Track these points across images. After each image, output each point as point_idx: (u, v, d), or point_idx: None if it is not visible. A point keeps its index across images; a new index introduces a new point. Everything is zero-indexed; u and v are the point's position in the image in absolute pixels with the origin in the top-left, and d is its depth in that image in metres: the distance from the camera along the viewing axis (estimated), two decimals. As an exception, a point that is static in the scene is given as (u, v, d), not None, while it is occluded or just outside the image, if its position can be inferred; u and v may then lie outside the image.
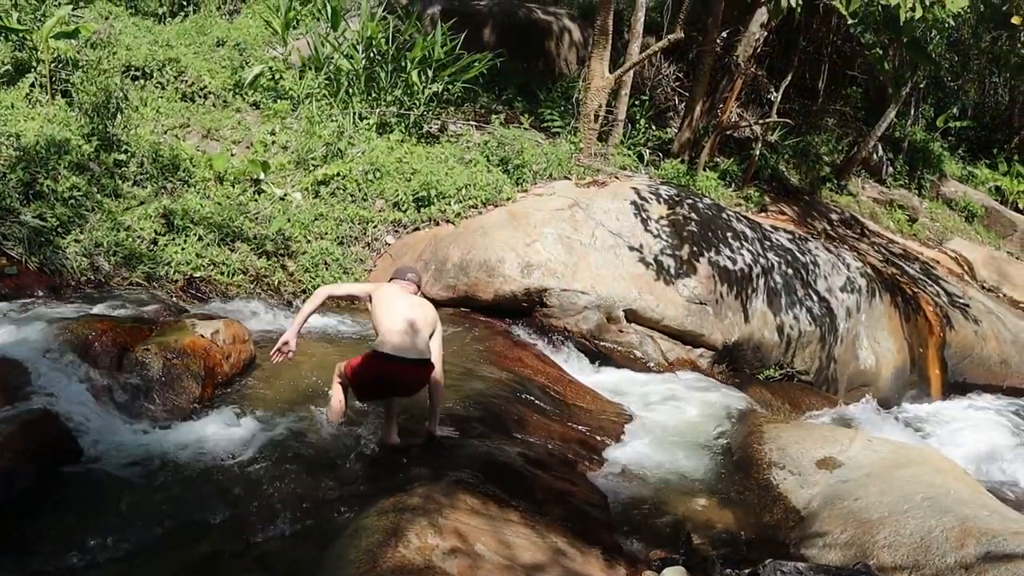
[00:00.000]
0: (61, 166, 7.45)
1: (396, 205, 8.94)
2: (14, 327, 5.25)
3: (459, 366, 6.29)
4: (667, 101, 13.85)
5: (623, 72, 10.81)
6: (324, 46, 10.66)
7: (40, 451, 4.15)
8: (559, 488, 4.83)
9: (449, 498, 4.03)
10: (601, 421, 6.23)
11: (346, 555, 3.46)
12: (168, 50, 10.10)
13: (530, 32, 13.70)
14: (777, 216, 11.92)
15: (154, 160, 8.22)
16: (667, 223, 8.65)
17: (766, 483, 5.33)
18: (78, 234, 7.10)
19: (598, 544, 4.21)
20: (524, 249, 7.99)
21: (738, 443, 5.95)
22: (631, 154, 11.61)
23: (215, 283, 7.55)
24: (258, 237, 8.00)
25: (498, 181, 9.20)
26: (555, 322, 7.80)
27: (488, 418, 5.50)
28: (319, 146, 9.26)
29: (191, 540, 3.83)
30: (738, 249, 8.74)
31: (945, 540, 4.09)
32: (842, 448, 5.47)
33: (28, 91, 8.58)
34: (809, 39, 13.94)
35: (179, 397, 5.07)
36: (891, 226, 13.79)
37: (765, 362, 8.50)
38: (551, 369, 6.94)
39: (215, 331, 5.58)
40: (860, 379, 8.98)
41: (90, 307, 6.17)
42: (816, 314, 8.81)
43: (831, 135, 15.05)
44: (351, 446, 4.82)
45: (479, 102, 12.01)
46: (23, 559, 3.52)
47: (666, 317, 7.96)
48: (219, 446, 4.67)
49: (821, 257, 9.43)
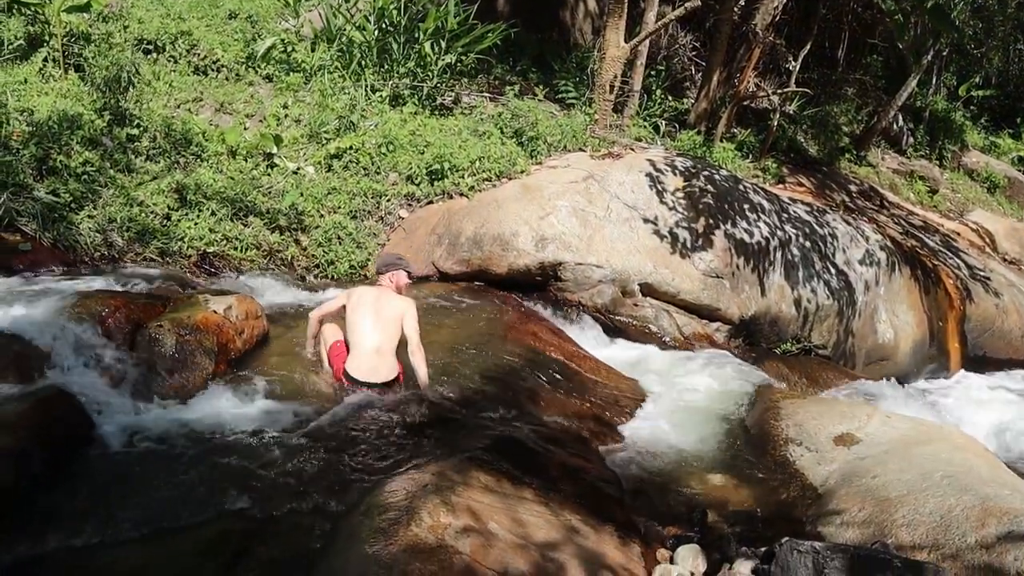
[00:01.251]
0: (74, 141, 7.41)
1: (409, 178, 8.87)
2: (28, 304, 5.24)
3: (472, 341, 6.25)
4: (683, 71, 13.67)
5: (639, 42, 10.64)
6: (336, 18, 10.55)
7: (53, 429, 4.14)
8: (573, 465, 4.80)
9: (462, 475, 3.99)
10: (616, 396, 6.18)
11: (358, 533, 3.44)
12: (180, 23, 10.01)
13: (544, 2, 13.51)
14: (795, 188, 11.78)
15: (167, 135, 8.18)
16: (683, 195, 8.55)
17: (783, 460, 5.28)
18: (91, 210, 7.07)
19: (612, 521, 4.17)
20: (538, 222, 7.91)
21: (754, 419, 5.89)
22: (647, 125, 11.48)
23: (228, 258, 7.52)
24: (271, 211, 7.96)
25: (512, 153, 9.10)
26: (570, 296, 7.74)
27: (502, 394, 5.47)
28: (332, 119, 9.18)
29: (204, 518, 3.81)
30: (755, 221, 8.63)
31: (965, 519, 4.03)
32: (860, 424, 5.40)
33: (41, 66, 8.52)
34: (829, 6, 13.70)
35: (192, 374, 5.05)
36: (911, 197, 13.61)
37: (782, 336, 8.42)
38: (565, 344, 6.89)
39: (228, 307, 5.56)
40: (878, 353, 8.89)
41: (104, 283, 6.16)
42: (834, 287, 8.71)
43: (850, 105, 14.83)
44: (364, 422, 4.80)
45: (493, 73, 11.88)
46: (37, 539, 3.51)
47: (682, 291, 7.88)
48: (232, 423, 4.66)
49: (839, 229, 9.30)
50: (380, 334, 5.29)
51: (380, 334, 5.29)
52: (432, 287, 7.73)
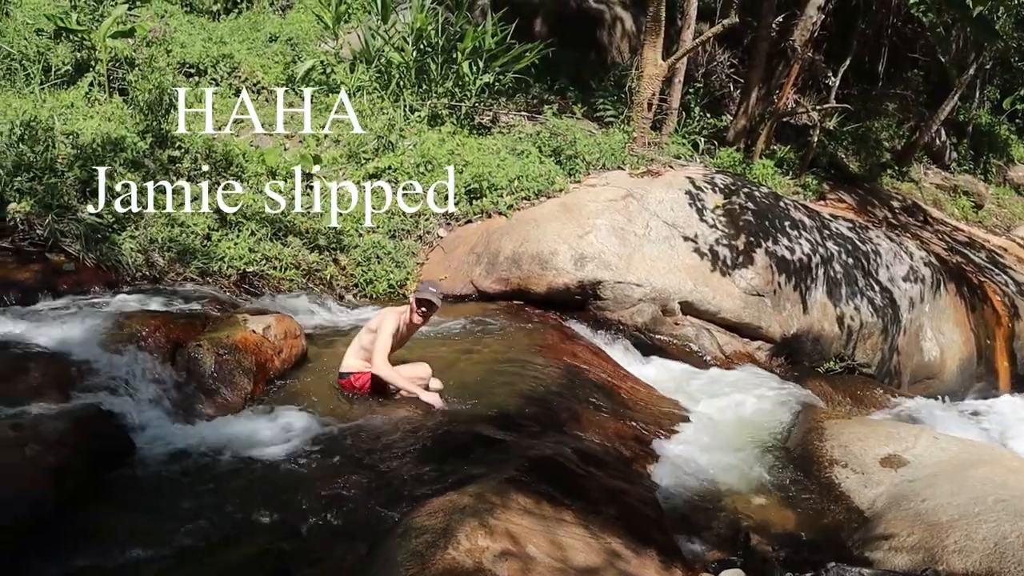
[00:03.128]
0: (117, 163, 7.55)
1: (448, 197, 8.91)
2: (71, 323, 5.34)
3: (511, 360, 6.22)
4: (722, 88, 13.60)
5: (677, 59, 10.62)
6: (375, 39, 10.67)
7: (93, 448, 4.19)
8: (613, 486, 4.74)
9: (501, 497, 3.95)
10: (656, 416, 6.11)
11: (394, 556, 3.41)
12: (222, 46, 10.20)
13: (581, 21, 13.56)
14: (836, 204, 11.64)
15: (208, 156, 8.30)
16: (723, 213, 8.48)
17: (827, 482, 5.17)
18: (133, 230, 7.19)
19: (653, 545, 4.10)
20: (577, 241, 7.89)
21: (797, 439, 5.79)
22: (685, 143, 11.43)
23: (268, 278, 7.60)
24: (310, 231, 8.03)
25: (551, 172, 9.11)
26: (609, 315, 7.70)
27: (541, 413, 5.43)
28: (371, 139, 9.26)
29: (241, 537, 3.82)
30: (796, 239, 8.53)
31: (1021, 547, 3.90)
32: (907, 446, 5.27)
33: (87, 90, 8.74)
34: (868, 21, 13.57)
35: (230, 393, 5.09)
36: (955, 213, 13.37)
37: (825, 355, 8.29)
38: (605, 363, 6.84)
39: (267, 326, 5.60)
40: (924, 372, 8.72)
41: (145, 303, 6.25)
42: (878, 305, 8.56)
43: (892, 120, 14.65)
44: (402, 443, 4.80)
45: (531, 92, 11.93)
46: (76, 556, 3.55)
47: (723, 309, 7.80)
48: (270, 442, 4.69)
49: (883, 246, 9.16)
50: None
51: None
52: (471, 306, 7.73)
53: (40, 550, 3.56)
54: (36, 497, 3.74)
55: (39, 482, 3.79)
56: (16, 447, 3.81)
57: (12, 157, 7.05)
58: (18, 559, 3.47)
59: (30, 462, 3.80)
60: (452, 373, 5.87)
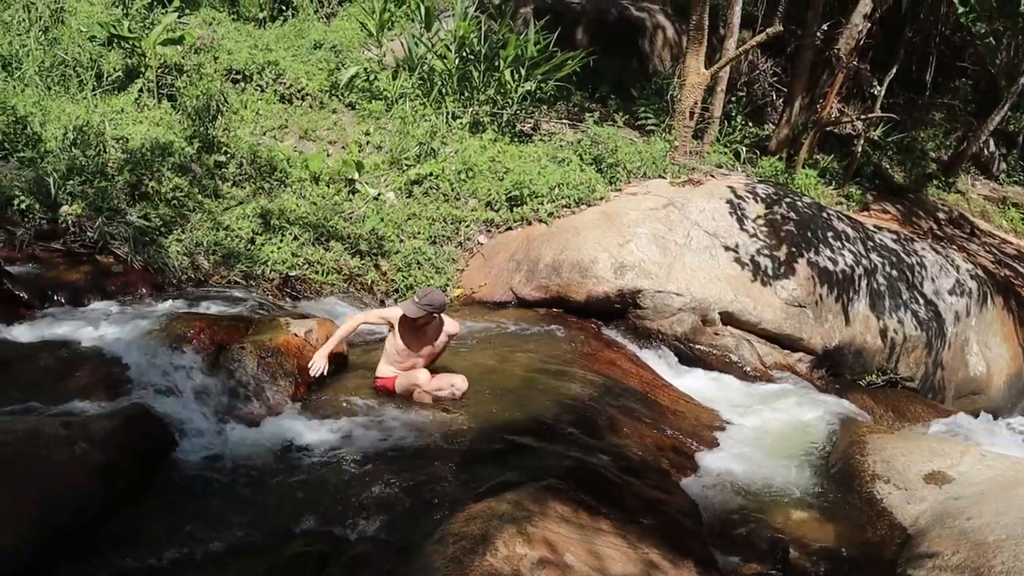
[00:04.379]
0: (165, 168, 7.71)
1: (489, 204, 8.95)
2: (118, 324, 5.45)
3: (550, 368, 6.23)
4: (764, 97, 13.50)
5: (719, 68, 10.56)
6: (418, 46, 10.77)
7: (140, 447, 4.27)
8: (651, 496, 4.72)
9: (539, 505, 3.96)
10: (695, 427, 6.08)
11: (432, 561, 3.43)
12: (267, 53, 10.36)
13: (623, 29, 13.55)
14: (880, 215, 11.47)
15: (252, 161, 8.44)
16: (764, 223, 8.41)
17: (869, 497, 5.10)
18: (180, 233, 7.33)
19: (691, 556, 4.08)
20: (617, 249, 7.88)
21: (839, 453, 5.71)
22: (727, 152, 11.35)
23: (310, 282, 7.69)
24: (352, 236, 8.11)
25: (591, 180, 9.10)
26: (648, 324, 7.67)
27: (579, 421, 5.42)
28: (412, 146, 9.34)
29: (281, 540, 3.86)
30: (839, 249, 8.43)
31: (1071, 568, 3.82)
32: (953, 462, 5.18)
33: (137, 96, 8.93)
34: (915, 30, 13.37)
35: (272, 395, 5.15)
36: (1004, 225, 13.11)
37: (867, 367, 8.17)
38: (644, 372, 6.82)
39: (309, 330, 5.67)
40: (969, 387, 8.56)
41: (190, 305, 6.36)
42: (922, 318, 8.43)
43: (938, 130, 14.41)
44: (441, 447, 4.82)
45: (572, 100, 11.94)
46: (120, 555, 3.61)
47: (763, 320, 7.73)
48: (310, 445, 4.73)
49: (928, 258, 9.02)
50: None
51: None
52: (510, 313, 7.75)
53: (86, 547, 3.63)
54: (84, 494, 3.82)
55: (87, 479, 3.87)
56: (66, 444, 3.89)
57: (65, 161, 7.24)
58: (65, 556, 3.55)
59: (79, 459, 3.89)
60: (491, 379, 5.88)
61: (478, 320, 7.36)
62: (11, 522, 3.47)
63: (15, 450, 3.72)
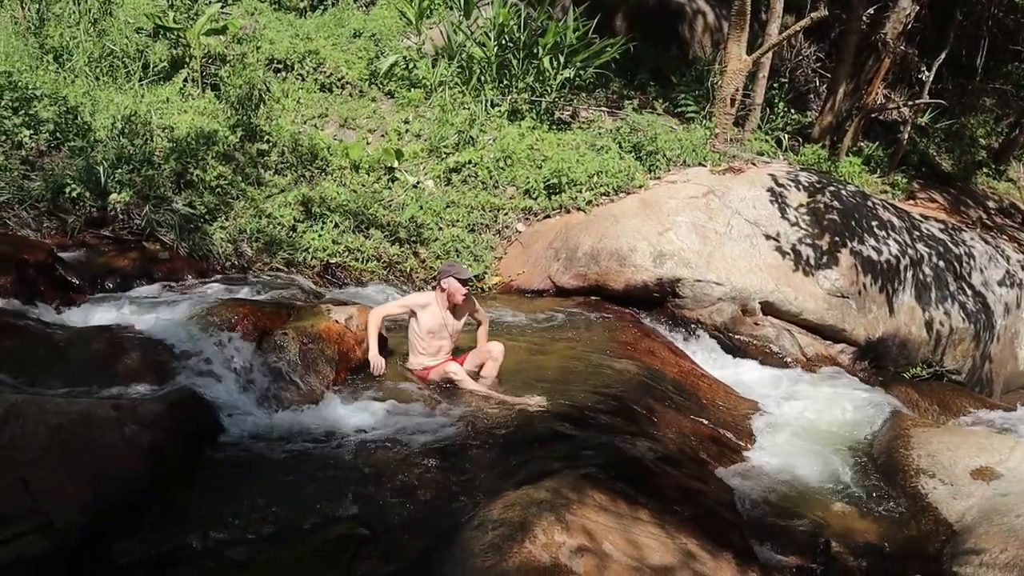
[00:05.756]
0: (209, 156, 7.81)
1: (527, 192, 8.95)
2: (165, 309, 5.54)
3: (589, 356, 6.22)
4: (807, 83, 13.29)
5: (761, 54, 10.41)
6: (457, 34, 10.76)
7: (187, 430, 4.34)
8: (690, 487, 4.70)
9: (577, 493, 3.95)
10: (734, 417, 6.03)
11: (470, 547, 3.44)
12: (308, 43, 10.44)
13: (663, 15, 13.43)
14: (926, 204, 11.26)
15: (294, 149, 8.53)
16: (807, 211, 8.29)
17: (913, 491, 5.02)
18: (224, 221, 7.44)
19: (730, 548, 4.04)
20: (657, 238, 7.83)
21: (882, 447, 5.64)
22: (769, 139, 11.21)
23: (350, 269, 7.76)
24: (391, 224, 8.17)
25: (630, 168, 9.05)
26: (687, 313, 7.62)
27: (618, 410, 5.41)
28: (451, 134, 9.36)
29: (322, 524, 3.90)
30: (884, 239, 8.29)
31: (1122, 567, 3.74)
32: (1001, 458, 5.08)
33: (182, 86, 9.06)
34: (966, 13, 13.03)
35: (314, 381, 5.21)
36: (1057, 214, 12.77)
37: (911, 360, 8.04)
38: (682, 362, 6.78)
39: (349, 317, 5.71)
40: (1019, 381, 8.39)
41: (234, 291, 6.45)
42: (970, 309, 8.26)
43: (989, 116, 14.07)
44: (479, 434, 4.84)
45: (611, 88, 11.86)
46: (169, 535, 3.68)
47: (805, 310, 7.64)
48: (350, 430, 4.78)
49: (976, 248, 8.83)
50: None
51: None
52: (548, 301, 7.75)
53: (132, 527, 3.71)
54: (133, 475, 3.89)
55: (136, 461, 3.94)
56: (117, 426, 3.98)
57: (114, 150, 7.37)
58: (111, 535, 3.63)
59: (128, 441, 3.96)
60: (529, 367, 5.90)
61: (516, 308, 7.37)
62: (67, 501, 3.56)
63: (70, 432, 3.79)
